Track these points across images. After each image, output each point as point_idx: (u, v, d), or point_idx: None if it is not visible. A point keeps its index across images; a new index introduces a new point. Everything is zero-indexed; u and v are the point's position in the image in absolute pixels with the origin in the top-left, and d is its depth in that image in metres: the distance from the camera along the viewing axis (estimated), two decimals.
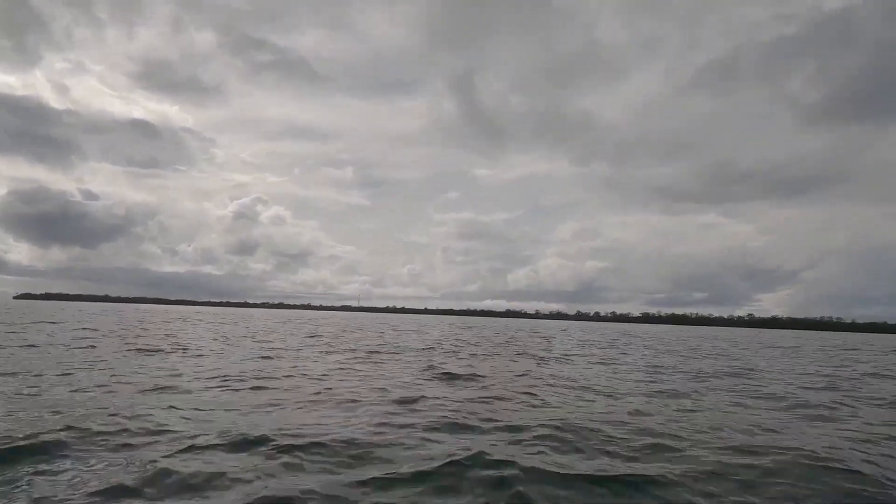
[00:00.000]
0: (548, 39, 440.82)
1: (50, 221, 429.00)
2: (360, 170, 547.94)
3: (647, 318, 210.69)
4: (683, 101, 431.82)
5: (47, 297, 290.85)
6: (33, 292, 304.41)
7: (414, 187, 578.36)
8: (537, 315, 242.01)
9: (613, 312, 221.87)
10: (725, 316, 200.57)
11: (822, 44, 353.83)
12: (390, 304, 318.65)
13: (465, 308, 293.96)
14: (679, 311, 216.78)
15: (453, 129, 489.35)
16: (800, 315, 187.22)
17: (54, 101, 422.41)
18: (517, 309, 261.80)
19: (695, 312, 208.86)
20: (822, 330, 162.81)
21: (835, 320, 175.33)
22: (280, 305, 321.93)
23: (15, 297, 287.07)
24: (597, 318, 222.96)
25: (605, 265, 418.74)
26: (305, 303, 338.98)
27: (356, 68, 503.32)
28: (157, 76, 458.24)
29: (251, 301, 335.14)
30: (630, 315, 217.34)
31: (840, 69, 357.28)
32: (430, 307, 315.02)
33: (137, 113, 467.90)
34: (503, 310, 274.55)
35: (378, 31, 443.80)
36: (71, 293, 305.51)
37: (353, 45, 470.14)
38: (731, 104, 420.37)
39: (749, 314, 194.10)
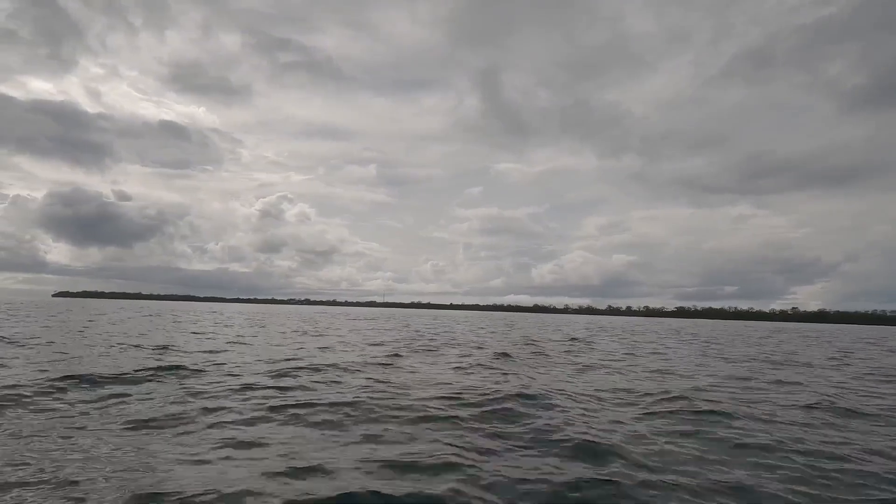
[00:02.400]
0: (574, 32, 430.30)
1: (86, 222, 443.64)
2: (383, 167, 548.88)
3: (682, 313, 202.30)
4: (715, 92, 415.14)
5: (84, 294, 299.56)
6: (71, 290, 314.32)
7: (437, 184, 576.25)
8: (566, 310, 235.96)
9: (647, 307, 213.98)
10: (767, 310, 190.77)
11: (864, 26, 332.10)
12: (415, 300, 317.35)
13: (490, 303, 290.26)
14: (712, 304, 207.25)
15: (477, 126, 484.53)
16: (839, 308, 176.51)
17: (89, 106, 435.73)
18: (545, 304, 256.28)
19: (733, 307, 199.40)
20: (873, 324, 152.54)
21: (888, 314, 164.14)
22: (306, 302, 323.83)
23: (53, 295, 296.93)
24: (629, 312, 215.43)
25: (632, 259, 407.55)
26: (331, 299, 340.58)
27: (379, 67, 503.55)
28: (186, 79, 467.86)
29: (278, 297, 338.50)
30: (664, 309, 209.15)
31: (883, 52, 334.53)
32: (454, 303, 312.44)
33: (167, 115, 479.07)
34: (530, 305, 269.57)
35: (401, 30, 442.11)
36: (106, 291, 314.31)
37: (376, 45, 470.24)
38: (765, 93, 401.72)
39: (793, 308, 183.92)
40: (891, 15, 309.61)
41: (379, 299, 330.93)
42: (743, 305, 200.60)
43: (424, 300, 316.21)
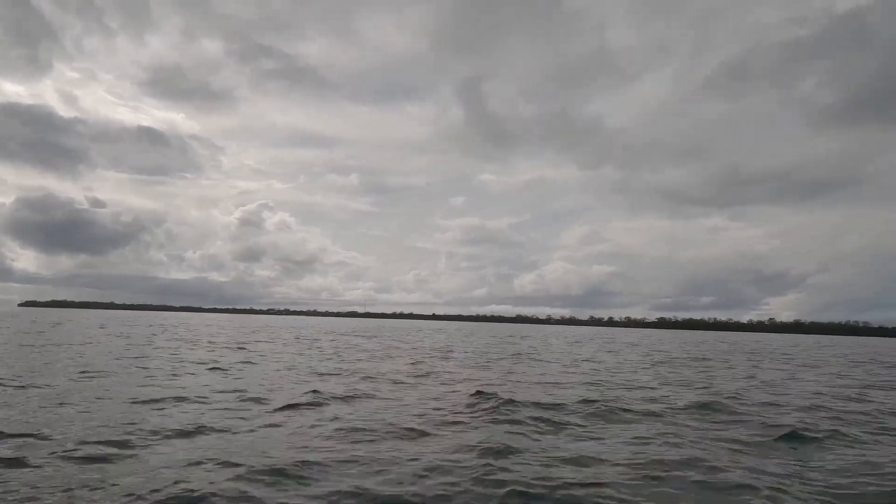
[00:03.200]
0: (557, 44, 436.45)
1: (57, 229, 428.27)
2: (365, 176, 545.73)
3: (662, 324, 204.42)
4: (694, 105, 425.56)
5: (53, 304, 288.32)
6: (39, 300, 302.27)
7: (420, 193, 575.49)
8: (549, 320, 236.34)
9: (629, 317, 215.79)
10: (742, 320, 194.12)
11: (836, 45, 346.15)
12: (396, 311, 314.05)
13: (472, 314, 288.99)
14: (688, 315, 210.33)
15: (460, 135, 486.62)
16: (811, 319, 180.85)
17: (63, 111, 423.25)
18: (526, 314, 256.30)
19: (712, 318, 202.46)
20: (846, 335, 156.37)
21: (861, 325, 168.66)
22: (286, 312, 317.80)
23: (20, 305, 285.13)
24: (611, 323, 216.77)
25: (611, 270, 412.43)
26: (311, 309, 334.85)
27: (362, 75, 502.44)
28: (166, 84, 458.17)
29: (256, 307, 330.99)
30: (645, 320, 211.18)
31: (854, 71, 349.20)
32: (437, 313, 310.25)
33: (145, 121, 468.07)
34: (513, 315, 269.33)
35: (385, 37, 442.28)
36: (76, 300, 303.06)
37: (359, 53, 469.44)
38: (742, 107, 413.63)
39: (770, 318, 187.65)
40: (859, 36, 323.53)
41: (360, 309, 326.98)
42: (718, 316, 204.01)
43: (406, 310, 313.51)
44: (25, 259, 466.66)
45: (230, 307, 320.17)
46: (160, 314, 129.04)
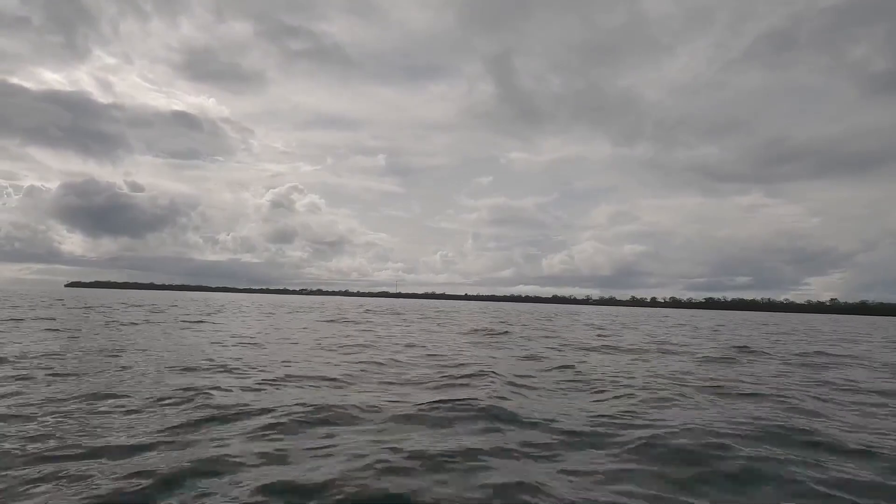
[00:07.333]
0: (589, 15, 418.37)
1: (99, 213, 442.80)
2: (391, 157, 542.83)
3: (711, 304, 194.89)
4: (733, 76, 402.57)
5: (96, 285, 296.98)
6: (83, 280, 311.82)
7: (446, 173, 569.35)
8: (588, 301, 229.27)
9: (674, 298, 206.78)
10: (804, 302, 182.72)
11: (892, 7, 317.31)
12: (426, 291, 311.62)
13: (503, 294, 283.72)
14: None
15: (487, 113, 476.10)
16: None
17: (100, 96, 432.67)
18: (559, 295, 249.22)
19: (765, 298, 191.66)
20: None
21: None
22: (318, 292, 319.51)
23: (66, 286, 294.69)
24: (654, 303, 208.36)
25: (643, 249, 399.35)
26: (343, 289, 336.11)
27: (388, 54, 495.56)
28: (197, 67, 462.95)
29: (290, 288, 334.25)
30: (692, 300, 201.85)
31: None
32: (466, 293, 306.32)
33: (178, 105, 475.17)
34: (547, 296, 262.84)
35: (409, 15, 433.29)
36: (118, 281, 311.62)
37: (384, 32, 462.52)
38: (786, 77, 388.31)
39: (832, 299, 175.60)
40: None
41: (391, 290, 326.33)
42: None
43: (436, 291, 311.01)
44: (72, 242, 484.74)
45: (264, 287, 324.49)
46: (201, 294, 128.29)
